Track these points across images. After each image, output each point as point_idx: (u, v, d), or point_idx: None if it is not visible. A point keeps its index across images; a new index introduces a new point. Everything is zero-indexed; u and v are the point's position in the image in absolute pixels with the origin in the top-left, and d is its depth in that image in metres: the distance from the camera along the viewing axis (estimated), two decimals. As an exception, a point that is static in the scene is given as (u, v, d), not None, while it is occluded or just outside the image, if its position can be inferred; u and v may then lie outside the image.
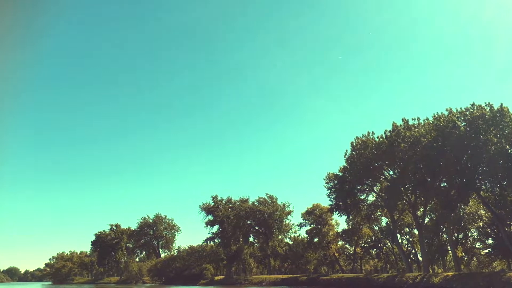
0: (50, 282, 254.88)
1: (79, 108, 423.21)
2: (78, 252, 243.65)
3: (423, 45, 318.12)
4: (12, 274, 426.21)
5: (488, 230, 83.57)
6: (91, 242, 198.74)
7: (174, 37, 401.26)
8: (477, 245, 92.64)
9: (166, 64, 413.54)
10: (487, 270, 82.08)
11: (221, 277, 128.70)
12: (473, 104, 65.31)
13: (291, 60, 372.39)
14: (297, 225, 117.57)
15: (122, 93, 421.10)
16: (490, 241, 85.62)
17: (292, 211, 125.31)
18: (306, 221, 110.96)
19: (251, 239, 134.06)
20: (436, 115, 69.59)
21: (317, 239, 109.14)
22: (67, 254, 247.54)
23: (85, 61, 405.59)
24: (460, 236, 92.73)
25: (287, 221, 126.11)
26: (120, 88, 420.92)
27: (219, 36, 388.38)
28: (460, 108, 66.81)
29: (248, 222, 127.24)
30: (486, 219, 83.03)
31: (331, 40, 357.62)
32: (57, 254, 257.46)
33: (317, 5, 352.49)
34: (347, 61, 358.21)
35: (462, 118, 65.43)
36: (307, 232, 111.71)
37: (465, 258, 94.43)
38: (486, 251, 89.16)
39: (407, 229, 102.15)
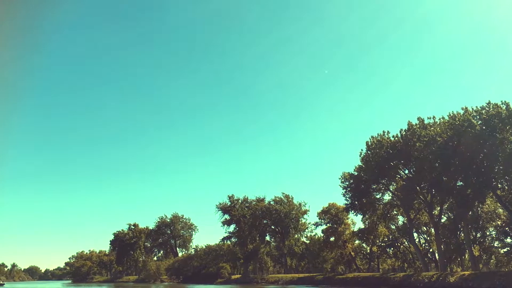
0: (70, 281, 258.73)
1: (96, 110, 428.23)
2: (97, 251, 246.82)
3: (434, 45, 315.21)
4: (32, 273, 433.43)
5: (507, 229, 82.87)
6: (110, 241, 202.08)
7: (182, 39, 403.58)
8: (496, 244, 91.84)
9: (177, 66, 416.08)
10: (506, 269, 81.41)
11: (238, 276, 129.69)
12: (489, 103, 64.85)
13: (302, 58, 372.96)
14: (313, 224, 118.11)
15: (136, 94, 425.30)
16: (508, 240, 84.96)
17: (308, 210, 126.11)
18: (322, 220, 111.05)
19: (267, 238, 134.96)
20: (452, 114, 69.30)
21: (333, 238, 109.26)
22: (87, 253, 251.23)
23: (98, 63, 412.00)
24: (478, 235, 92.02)
25: (303, 220, 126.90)
26: (134, 89, 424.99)
27: (227, 36, 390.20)
28: (476, 106, 66.39)
29: (265, 222, 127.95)
30: (504, 217, 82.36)
31: (343, 37, 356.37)
32: (77, 253, 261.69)
33: (325, 5, 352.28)
34: (359, 60, 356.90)
35: (478, 117, 65.02)
36: (323, 231, 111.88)
37: (484, 257, 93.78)
38: (505, 249, 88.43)
39: (424, 228, 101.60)
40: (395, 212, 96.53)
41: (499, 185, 66.51)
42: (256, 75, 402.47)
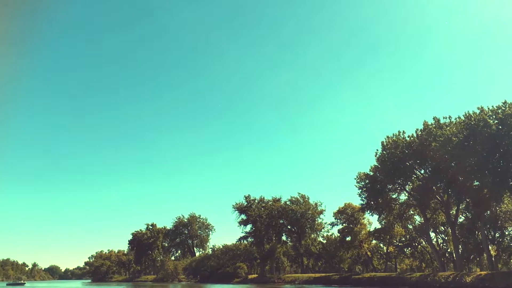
0: (89, 280, 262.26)
1: (110, 111, 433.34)
2: (116, 251, 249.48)
3: (446, 44, 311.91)
4: (53, 272, 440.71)
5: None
6: (128, 241, 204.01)
7: (190, 39, 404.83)
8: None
9: (187, 66, 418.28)
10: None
11: (255, 275, 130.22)
12: (505, 102, 64.58)
13: (313, 57, 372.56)
14: (329, 224, 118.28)
15: (147, 95, 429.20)
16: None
17: (324, 210, 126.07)
18: (338, 220, 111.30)
19: (283, 238, 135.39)
20: (467, 114, 69.04)
21: (349, 238, 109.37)
22: (106, 252, 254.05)
23: (107, 64, 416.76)
24: (497, 235, 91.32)
25: (319, 220, 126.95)
26: (144, 90, 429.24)
27: (233, 38, 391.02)
28: (492, 106, 66.21)
29: (281, 221, 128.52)
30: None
31: (354, 35, 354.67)
32: (96, 252, 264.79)
33: (331, 5, 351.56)
34: (370, 59, 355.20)
35: (493, 116, 64.79)
36: (339, 231, 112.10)
37: (503, 257, 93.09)
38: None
39: (441, 227, 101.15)
40: (411, 212, 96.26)
41: (516, 184, 66.09)
42: (268, 73, 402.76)
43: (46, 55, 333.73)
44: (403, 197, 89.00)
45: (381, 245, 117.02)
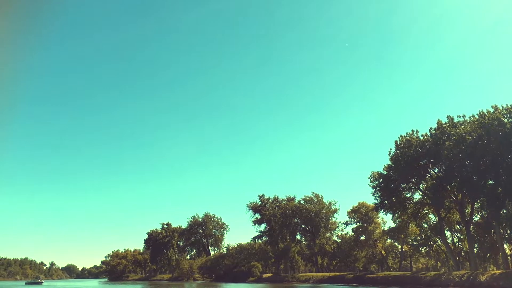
0: (106, 279, 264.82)
1: (124, 110, 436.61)
2: (132, 250, 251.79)
3: (456, 42, 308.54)
4: (70, 271, 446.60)
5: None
6: (144, 240, 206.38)
7: (193, 38, 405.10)
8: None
9: (197, 63, 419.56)
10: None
11: (269, 274, 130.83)
12: (519, 101, 64.37)
13: (321, 54, 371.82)
14: (343, 223, 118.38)
15: (159, 93, 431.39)
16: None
17: (338, 209, 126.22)
18: (352, 219, 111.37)
19: (298, 237, 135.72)
20: (481, 112, 68.88)
21: (363, 237, 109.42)
22: (122, 252, 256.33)
23: (110, 64, 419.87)
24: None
25: (334, 219, 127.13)
26: (159, 88, 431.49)
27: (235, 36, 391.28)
28: (506, 104, 66.00)
29: (295, 221, 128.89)
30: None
31: (365, 33, 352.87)
32: (112, 252, 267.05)
33: (337, 5, 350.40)
34: (383, 56, 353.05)
35: (508, 115, 64.62)
36: (353, 230, 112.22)
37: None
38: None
39: (457, 226, 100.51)
40: (426, 211, 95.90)
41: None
42: (275, 72, 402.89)
43: (45, 55, 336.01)
44: (417, 196, 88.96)
45: (396, 244, 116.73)
